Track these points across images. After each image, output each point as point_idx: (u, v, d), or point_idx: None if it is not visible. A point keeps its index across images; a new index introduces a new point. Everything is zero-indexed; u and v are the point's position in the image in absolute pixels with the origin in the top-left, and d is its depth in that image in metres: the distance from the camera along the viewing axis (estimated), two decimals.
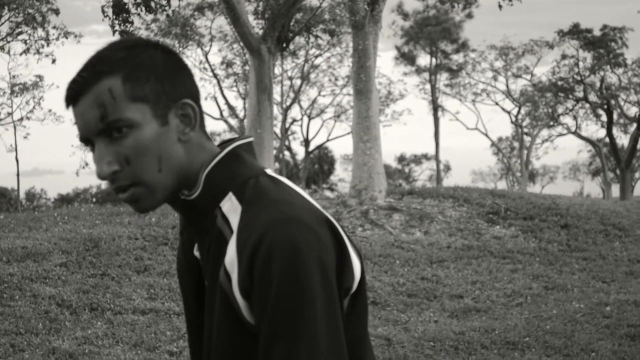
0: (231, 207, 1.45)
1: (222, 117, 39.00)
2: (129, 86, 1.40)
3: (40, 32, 32.89)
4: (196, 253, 1.53)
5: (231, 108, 38.93)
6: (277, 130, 40.03)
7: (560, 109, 40.20)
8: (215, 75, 37.63)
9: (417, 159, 58.58)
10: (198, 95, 1.51)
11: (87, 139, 1.43)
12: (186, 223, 1.55)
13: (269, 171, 1.51)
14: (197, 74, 54.46)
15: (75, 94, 1.41)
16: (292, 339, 1.31)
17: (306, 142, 44.78)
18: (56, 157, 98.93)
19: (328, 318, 1.33)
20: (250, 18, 19.28)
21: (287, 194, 1.43)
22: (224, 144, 1.53)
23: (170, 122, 1.44)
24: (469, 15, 41.96)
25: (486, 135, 47.42)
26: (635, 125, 37.06)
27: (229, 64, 38.00)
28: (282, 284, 1.31)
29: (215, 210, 1.46)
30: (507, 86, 43.72)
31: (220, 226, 1.45)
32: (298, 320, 1.31)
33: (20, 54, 33.68)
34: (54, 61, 32.90)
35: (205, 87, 38.33)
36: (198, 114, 1.47)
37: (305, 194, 1.49)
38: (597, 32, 35.13)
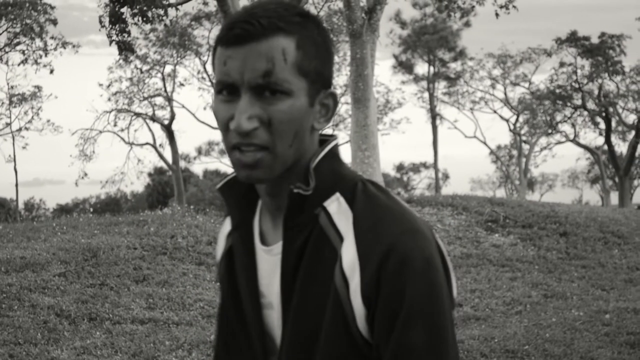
0: (339, 210, 1.39)
1: None
2: (301, 55, 1.34)
3: (38, 42, 32.95)
4: (271, 247, 1.45)
5: None
6: None
7: (558, 117, 40.21)
8: (214, 85, 37.64)
9: (416, 168, 58.68)
10: None
11: (231, 86, 1.36)
12: (242, 217, 1.49)
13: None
14: (195, 84, 54.71)
15: (247, 35, 1.32)
16: (425, 351, 1.30)
17: None
18: (56, 168, 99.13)
19: (453, 331, 1.34)
20: None
21: (400, 205, 1.40)
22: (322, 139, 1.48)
23: (314, 106, 1.39)
24: (467, 24, 42.06)
25: (485, 143, 47.49)
26: (633, 132, 37.05)
27: None
28: (416, 297, 1.30)
29: (317, 208, 1.40)
30: (505, 94, 43.80)
31: (325, 227, 1.39)
32: (433, 333, 1.31)
33: (19, 65, 33.71)
34: (52, 71, 32.93)
35: (204, 97, 38.35)
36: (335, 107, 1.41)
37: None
38: (595, 40, 35.16)
